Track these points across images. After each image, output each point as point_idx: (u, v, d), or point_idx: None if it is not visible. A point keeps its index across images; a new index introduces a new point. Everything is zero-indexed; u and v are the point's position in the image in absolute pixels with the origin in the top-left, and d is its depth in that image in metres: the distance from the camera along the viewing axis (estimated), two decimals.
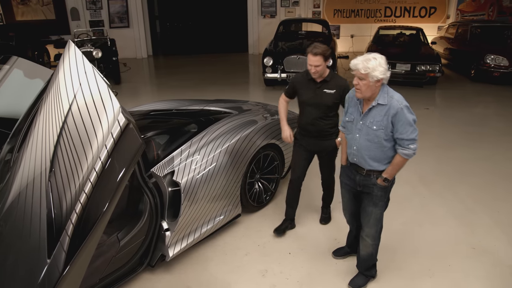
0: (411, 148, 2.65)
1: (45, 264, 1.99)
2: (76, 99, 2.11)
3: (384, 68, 2.55)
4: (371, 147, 2.76)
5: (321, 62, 3.23)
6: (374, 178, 2.82)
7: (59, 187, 2.05)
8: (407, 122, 2.60)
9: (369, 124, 2.72)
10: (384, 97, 2.65)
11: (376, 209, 2.91)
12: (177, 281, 3.30)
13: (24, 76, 3.38)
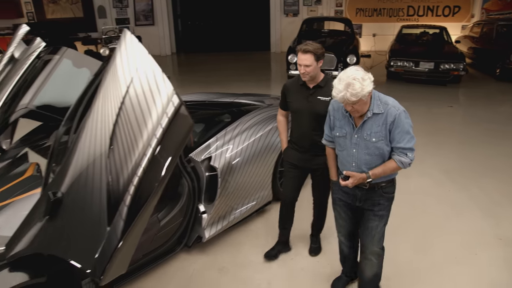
0: (408, 157, 2.44)
1: (105, 231, 2.17)
2: (133, 82, 2.29)
3: (368, 78, 2.28)
4: (372, 161, 2.50)
5: (312, 61, 2.85)
6: (380, 190, 2.59)
7: (117, 162, 2.23)
8: (404, 130, 2.40)
9: (366, 137, 2.46)
10: (378, 105, 2.41)
11: (381, 223, 2.68)
12: (213, 261, 3.48)
13: (73, 65, 3.61)
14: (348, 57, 9.00)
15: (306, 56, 2.85)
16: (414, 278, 3.24)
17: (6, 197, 3.07)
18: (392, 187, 2.65)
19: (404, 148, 2.42)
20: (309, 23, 11.35)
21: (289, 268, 3.40)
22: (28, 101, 3.51)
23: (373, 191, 2.60)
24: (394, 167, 2.48)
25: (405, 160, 2.44)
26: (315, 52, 2.84)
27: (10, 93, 3.59)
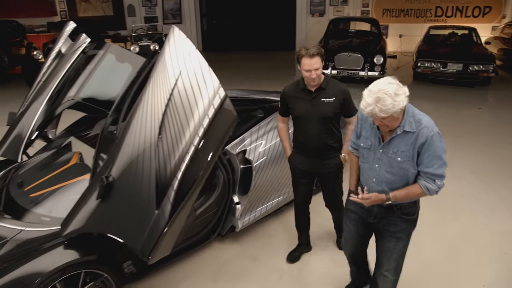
0: (437, 184, 2.20)
1: (154, 214, 2.33)
2: (181, 75, 2.44)
3: (402, 93, 2.05)
4: (395, 181, 2.29)
5: (320, 64, 2.74)
6: (398, 211, 2.36)
7: (165, 150, 2.39)
8: (436, 155, 2.16)
9: (391, 154, 2.25)
10: (410, 123, 2.18)
11: (399, 244, 2.44)
12: (245, 251, 3.61)
13: (116, 60, 3.80)
14: (375, 57, 9.00)
15: (314, 60, 2.71)
16: (444, 276, 3.29)
17: (54, 182, 3.29)
18: (413, 209, 2.40)
19: (432, 174, 2.19)
20: (336, 23, 11.38)
21: (319, 256, 3.52)
22: (75, 93, 3.71)
23: (391, 210, 2.37)
24: (418, 193, 2.26)
25: (432, 187, 2.21)
26: (321, 53, 2.74)
27: (57, 87, 3.82)
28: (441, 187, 2.23)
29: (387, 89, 2.02)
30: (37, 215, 2.91)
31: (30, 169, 3.58)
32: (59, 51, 4.04)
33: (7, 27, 11.70)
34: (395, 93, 2.02)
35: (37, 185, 3.29)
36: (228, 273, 3.37)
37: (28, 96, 4.03)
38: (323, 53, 2.77)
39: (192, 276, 3.33)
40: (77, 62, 3.85)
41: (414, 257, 3.46)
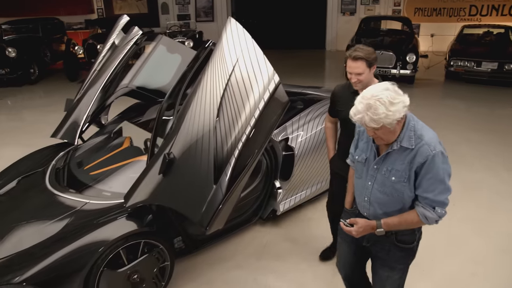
0: (436, 212, 1.91)
1: (212, 188, 2.54)
2: (238, 62, 2.64)
3: (399, 102, 1.78)
4: (388, 203, 2.02)
5: (364, 69, 2.53)
6: (393, 237, 2.07)
7: (223, 130, 2.59)
8: (437, 178, 1.87)
9: (385, 172, 1.98)
10: (409, 138, 1.90)
11: (393, 274, 2.16)
12: (285, 234, 3.79)
13: (167, 51, 4.05)
14: (407, 55, 9.01)
15: (358, 64, 2.52)
16: (478, 264, 3.39)
17: (112, 163, 3.56)
18: (411, 236, 2.09)
19: (432, 201, 1.90)
20: (367, 22, 11.40)
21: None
22: (128, 81, 3.98)
23: (385, 236, 2.07)
24: (415, 221, 1.96)
25: (430, 215, 1.91)
26: (367, 58, 2.51)
27: (110, 76, 4.10)
28: (442, 216, 1.93)
29: (381, 95, 1.77)
30: (98, 190, 3.17)
31: (87, 151, 3.87)
32: (113, 42, 4.32)
33: (48, 24, 12.26)
34: (390, 102, 1.76)
35: (95, 164, 3.57)
36: (270, 253, 3.56)
37: (84, 84, 4.33)
38: (372, 58, 2.53)
39: (237, 254, 3.54)
40: (130, 53, 4.12)
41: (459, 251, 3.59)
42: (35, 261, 2.54)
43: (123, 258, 2.76)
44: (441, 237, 3.73)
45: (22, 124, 7.68)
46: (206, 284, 3.23)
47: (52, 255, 2.56)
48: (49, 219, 2.87)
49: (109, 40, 4.36)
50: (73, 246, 2.62)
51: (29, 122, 7.78)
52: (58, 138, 4.11)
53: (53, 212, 2.95)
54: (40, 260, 2.54)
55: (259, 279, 3.25)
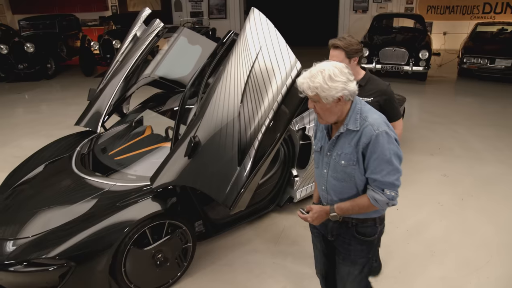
0: (385, 195, 1.89)
1: (236, 170, 2.65)
2: (262, 50, 2.74)
3: (340, 80, 1.82)
4: (342, 189, 2.00)
5: (342, 59, 2.50)
6: (353, 228, 2.06)
7: (247, 114, 2.69)
8: (383, 158, 1.85)
9: (335, 157, 1.98)
10: (355, 120, 1.92)
11: (354, 269, 2.14)
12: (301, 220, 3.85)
13: (188, 42, 4.17)
14: (420, 52, 9.03)
15: (335, 53, 2.52)
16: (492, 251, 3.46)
17: (135, 149, 3.69)
18: (371, 229, 2.07)
19: (381, 182, 1.88)
20: (379, 19, 11.43)
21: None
22: (151, 71, 4.11)
23: (346, 227, 2.07)
24: (366, 205, 1.94)
25: (380, 198, 1.89)
26: (345, 48, 2.48)
27: (132, 67, 4.23)
28: (392, 199, 1.90)
29: (326, 69, 1.83)
30: (124, 174, 3.30)
31: (110, 139, 4.01)
32: (135, 34, 4.45)
33: (64, 20, 12.49)
34: (330, 76, 1.81)
35: (119, 150, 3.70)
36: (287, 238, 3.66)
37: (106, 75, 4.47)
38: (350, 50, 2.49)
39: (256, 239, 3.65)
40: (151, 45, 4.24)
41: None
42: (67, 237, 2.68)
43: (149, 238, 2.89)
44: (455, 226, 3.81)
45: (41, 116, 7.87)
46: (226, 266, 3.34)
47: (83, 232, 2.69)
48: (78, 200, 3.00)
49: (131, 32, 4.50)
50: (102, 225, 2.75)
51: (47, 114, 7.97)
52: (81, 126, 4.25)
53: (81, 194, 3.08)
54: (72, 236, 2.68)
55: (278, 262, 3.36)
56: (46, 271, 2.60)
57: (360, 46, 2.56)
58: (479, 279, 3.14)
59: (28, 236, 2.76)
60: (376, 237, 2.11)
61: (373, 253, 2.17)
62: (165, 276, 3.06)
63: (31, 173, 3.61)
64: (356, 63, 2.56)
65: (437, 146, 5.56)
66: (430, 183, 4.61)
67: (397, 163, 1.88)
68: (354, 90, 1.87)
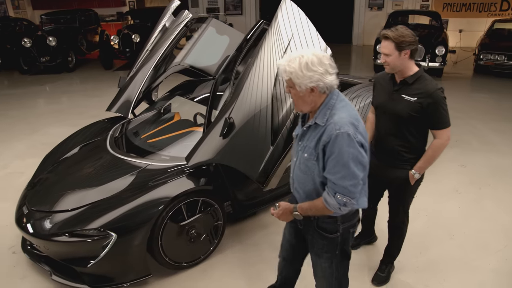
0: (336, 199, 1.82)
1: (269, 149, 2.81)
2: (294, 37, 2.89)
3: (316, 71, 1.76)
4: (305, 182, 1.97)
5: (391, 50, 2.38)
6: (315, 222, 2.03)
7: (279, 97, 2.85)
8: (340, 160, 1.77)
9: (301, 148, 1.96)
10: (324, 115, 1.84)
11: (320, 261, 2.12)
12: None
13: (216, 32, 4.33)
14: (437, 48, 9.09)
15: (385, 44, 2.41)
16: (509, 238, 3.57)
17: (167, 132, 3.86)
18: (331, 226, 2.00)
19: (334, 184, 1.81)
20: (395, 16, 11.49)
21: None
22: (181, 59, 4.28)
23: (309, 219, 2.04)
24: (320, 207, 1.90)
25: (330, 200, 1.84)
26: (395, 39, 2.35)
27: (161, 56, 4.40)
28: (343, 205, 1.83)
29: (306, 56, 1.78)
30: (158, 155, 3.48)
31: (141, 124, 4.20)
32: (164, 25, 4.63)
33: (83, 15, 12.77)
34: (307, 64, 1.76)
35: (151, 133, 3.89)
36: None
37: (135, 64, 4.66)
38: (401, 41, 2.35)
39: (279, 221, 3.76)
40: (180, 35, 4.42)
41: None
42: (108, 211, 2.86)
43: (184, 214, 3.06)
44: (473, 212, 3.93)
45: (63, 107, 8.12)
46: (252, 246, 3.50)
47: (123, 206, 2.87)
48: (116, 177, 3.19)
49: (160, 23, 4.67)
50: (141, 200, 2.92)
51: (70, 105, 8.21)
52: (112, 111, 4.45)
53: (118, 172, 3.26)
54: (113, 210, 2.86)
55: None
56: (90, 241, 2.78)
57: (414, 38, 2.38)
58: (498, 261, 3.25)
59: (73, 208, 2.95)
60: (339, 235, 2.02)
61: (340, 251, 2.07)
62: (197, 251, 3.23)
63: (67, 154, 3.82)
64: (408, 57, 2.39)
65: (454, 139, 5.65)
66: (449, 173, 4.72)
67: (356, 168, 1.78)
68: (331, 84, 1.81)
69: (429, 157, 2.53)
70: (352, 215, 2.03)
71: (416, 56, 9.19)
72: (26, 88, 9.68)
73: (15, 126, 6.91)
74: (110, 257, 2.79)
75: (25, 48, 10.65)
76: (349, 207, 1.85)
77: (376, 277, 3.06)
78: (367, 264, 3.22)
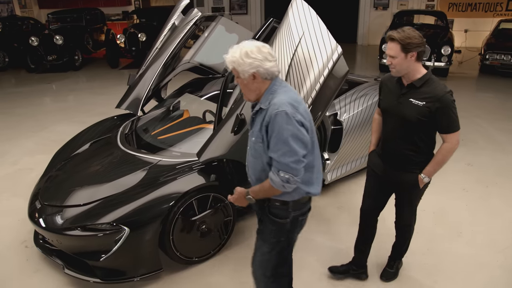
0: (279, 176, 1.90)
1: None
2: (304, 35, 2.92)
3: (255, 59, 1.88)
4: (255, 166, 2.08)
5: (396, 52, 2.30)
6: (267, 208, 2.13)
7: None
8: (280, 138, 1.86)
9: (250, 134, 2.10)
10: (266, 100, 1.96)
11: (264, 247, 2.20)
12: (332, 201, 4.07)
13: (225, 31, 4.37)
14: (442, 48, 9.10)
15: (391, 45, 2.33)
16: None
17: (177, 129, 3.90)
18: (282, 211, 2.10)
19: (277, 161, 1.89)
20: (400, 16, 11.49)
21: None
22: (190, 57, 4.32)
23: (262, 205, 2.14)
24: (267, 186, 1.98)
25: (274, 178, 1.92)
26: (401, 41, 2.26)
27: (171, 54, 4.44)
28: (286, 181, 1.90)
29: (246, 46, 1.92)
30: (168, 151, 3.52)
31: (151, 121, 4.24)
32: (173, 23, 4.67)
33: (89, 14, 12.84)
34: (247, 53, 1.88)
35: (161, 130, 3.93)
36: (319, 217, 3.85)
37: (145, 62, 4.70)
38: (408, 44, 2.26)
39: None
40: (189, 33, 4.45)
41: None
42: (121, 205, 2.90)
43: (195, 209, 3.09)
44: (480, 210, 3.95)
45: (71, 105, 8.19)
46: None
47: (136, 201, 2.91)
48: (127, 173, 3.23)
49: (169, 21, 4.71)
50: (153, 195, 2.95)
51: (77, 103, 8.27)
52: (122, 108, 4.49)
53: (129, 167, 3.30)
54: (126, 204, 2.90)
55: (310, 238, 3.54)
56: (103, 235, 2.82)
57: (421, 40, 2.29)
58: (506, 258, 3.28)
59: (85, 203, 2.99)
60: (288, 221, 2.10)
61: (286, 238, 2.16)
62: (207, 247, 3.27)
63: (78, 150, 3.86)
64: (415, 59, 2.31)
65: (460, 138, 5.63)
66: (455, 171, 4.74)
67: (296, 145, 1.86)
68: (272, 70, 1.93)
69: (439, 161, 2.48)
70: (304, 203, 2.13)
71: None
72: (33, 86, 9.76)
73: (23, 123, 6.97)
74: (122, 251, 2.83)
75: (32, 46, 10.73)
76: (293, 183, 1.92)
77: (384, 273, 3.08)
78: (375, 261, 3.24)
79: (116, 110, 4.68)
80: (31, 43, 10.67)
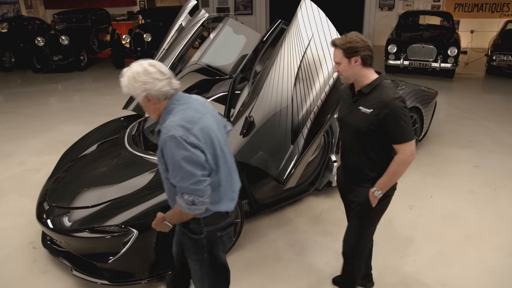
0: (184, 199, 1.85)
1: (290, 147, 2.84)
2: (314, 37, 2.91)
3: (141, 82, 1.82)
4: (169, 189, 2.05)
5: (340, 58, 2.17)
6: (183, 223, 2.10)
7: (298, 96, 2.88)
8: (174, 163, 1.80)
9: (158, 156, 1.98)
10: (163, 119, 1.89)
11: (191, 263, 2.20)
12: (338, 204, 3.94)
13: (233, 32, 4.37)
14: (449, 49, 9.05)
15: (335, 52, 2.20)
16: None
17: None
18: (194, 226, 2.06)
19: (179, 187, 1.85)
20: (406, 16, 11.46)
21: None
22: (198, 58, 4.32)
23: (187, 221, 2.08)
24: (178, 210, 1.94)
25: (180, 202, 1.88)
26: (342, 46, 2.13)
27: (178, 55, 4.44)
28: (191, 204, 1.85)
29: (133, 68, 1.86)
30: None
31: None
32: (180, 24, 4.67)
33: (95, 14, 12.88)
34: (134, 77, 1.83)
35: None
36: (326, 219, 3.83)
37: None
38: (348, 48, 2.12)
39: (296, 220, 3.84)
40: (196, 34, 4.45)
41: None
42: (130, 207, 2.90)
43: None
44: (489, 213, 3.92)
45: (77, 105, 8.21)
46: (270, 243, 3.53)
47: (145, 203, 2.91)
48: (135, 174, 3.23)
49: (176, 22, 4.71)
50: (162, 197, 2.93)
51: (83, 104, 8.29)
52: (129, 109, 4.49)
53: (137, 169, 3.30)
54: (134, 206, 2.90)
55: (318, 240, 3.53)
56: (111, 237, 2.82)
57: (363, 44, 2.13)
58: None
59: (93, 205, 2.99)
60: (203, 237, 2.06)
61: (208, 254, 2.11)
62: None
63: (85, 152, 3.87)
64: (360, 64, 2.15)
65: (468, 140, 5.63)
66: (463, 174, 4.71)
67: (191, 167, 1.80)
68: (164, 90, 1.85)
69: (391, 173, 2.23)
70: (217, 218, 2.06)
71: (428, 56, 9.05)
72: (38, 87, 9.79)
73: (29, 123, 7.00)
74: (131, 253, 2.82)
75: (38, 47, 10.77)
76: (199, 205, 1.86)
77: None
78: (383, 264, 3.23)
79: (123, 111, 4.70)
80: (37, 43, 10.72)
